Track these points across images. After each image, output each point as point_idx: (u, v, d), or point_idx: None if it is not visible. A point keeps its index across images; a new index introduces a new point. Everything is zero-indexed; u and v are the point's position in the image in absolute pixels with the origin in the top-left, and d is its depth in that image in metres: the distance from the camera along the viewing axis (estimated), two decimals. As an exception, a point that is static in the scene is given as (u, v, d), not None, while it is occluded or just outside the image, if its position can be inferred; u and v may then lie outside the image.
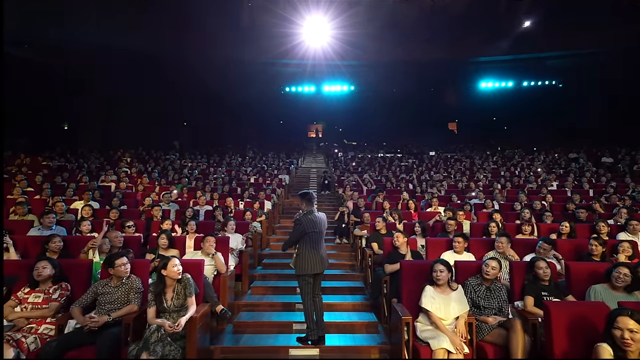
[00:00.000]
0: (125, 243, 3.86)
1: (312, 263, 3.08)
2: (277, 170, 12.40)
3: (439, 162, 13.82)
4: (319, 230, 3.15)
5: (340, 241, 6.41)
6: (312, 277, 3.14)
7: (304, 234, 3.09)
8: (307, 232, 3.09)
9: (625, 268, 2.65)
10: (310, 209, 3.18)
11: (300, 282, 3.16)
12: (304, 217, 3.13)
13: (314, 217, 3.15)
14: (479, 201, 6.81)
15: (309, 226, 3.09)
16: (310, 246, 3.10)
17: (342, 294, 4.35)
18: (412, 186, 9.13)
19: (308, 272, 3.08)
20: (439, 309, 2.67)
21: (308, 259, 3.08)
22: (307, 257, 3.08)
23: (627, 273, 2.62)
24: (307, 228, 3.09)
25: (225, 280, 3.53)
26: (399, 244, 3.84)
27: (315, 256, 3.09)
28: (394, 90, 21.95)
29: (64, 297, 2.77)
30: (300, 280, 3.16)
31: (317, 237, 3.13)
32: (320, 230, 3.17)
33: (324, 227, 3.25)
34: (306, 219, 3.12)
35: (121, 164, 12.21)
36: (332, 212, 8.26)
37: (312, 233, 3.10)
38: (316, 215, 3.18)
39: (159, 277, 2.74)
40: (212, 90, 19.35)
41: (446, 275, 2.78)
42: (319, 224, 3.17)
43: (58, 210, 5.47)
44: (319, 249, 3.14)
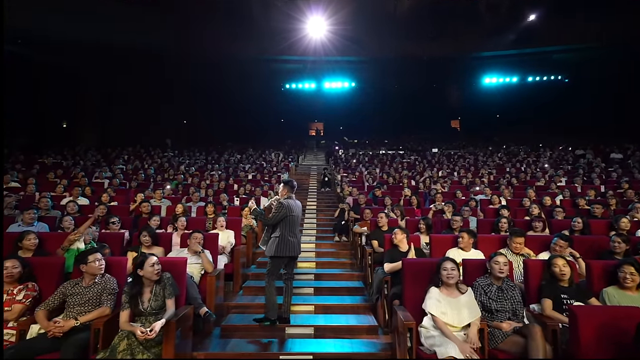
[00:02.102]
0: (104, 240, 3.59)
1: (289, 246, 3.21)
2: (276, 167, 12.14)
3: (441, 159, 13.49)
4: (297, 215, 3.34)
5: (340, 239, 6.13)
6: (284, 260, 3.26)
7: (284, 217, 3.23)
8: (287, 215, 3.24)
9: (629, 266, 2.38)
10: (290, 195, 3.37)
11: (271, 264, 3.26)
12: (286, 201, 3.29)
13: (293, 203, 3.33)
14: (484, 197, 6.52)
15: (290, 209, 3.26)
16: (289, 229, 3.24)
17: (341, 295, 4.07)
18: (414, 182, 8.85)
19: (285, 254, 3.19)
20: (445, 314, 2.38)
21: (287, 242, 3.20)
22: (285, 240, 3.20)
23: (633, 272, 2.35)
24: (289, 211, 3.25)
25: (212, 280, 3.25)
26: (397, 241, 3.56)
27: (293, 239, 3.24)
28: (395, 87, 21.65)
29: (30, 299, 2.50)
30: (272, 261, 3.25)
31: (295, 220, 3.30)
32: (298, 215, 3.36)
33: (300, 213, 3.46)
34: (288, 203, 3.28)
35: (117, 161, 12.00)
36: (332, 210, 8.00)
37: (291, 217, 3.26)
38: (295, 202, 3.38)
39: (135, 278, 2.47)
40: (211, 88, 19.15)
41: (457, 274, 2.49)
42: (297, 210, 3.37)
43: (43, 206, 5.21)
44: (296, 233, 3.30)
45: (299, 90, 21.96)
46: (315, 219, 7.52)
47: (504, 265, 2.58)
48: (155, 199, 6.33)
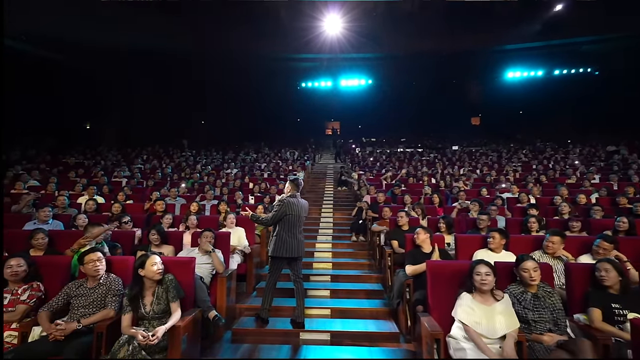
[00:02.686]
0: (117, 239, 3.51)
1: (287, 246, 3.09)
2: (292, 166, 12.00)
3: (462, 156, 12.99)
4: (297, 215, 3.17)
5: (357, 239, 5.89)
6: (286, 262, 3.14)
7: (284, 215, 3.11)
8: (287, 213, 3.11)
9: None
10: (294, 193, 3.24)
11: (271, 263, 3.17)
12: (287, 199, 3.16)
13: (295, 201, 3.18)
14: (511, 195, 6.13)
15: (289, 208, 3.13)
16: (287, 229, 3.12)
17: (358, 298, 3.84)
18: (434, 180, 8.49)
19: (281, 254, 3.08)
20: (478, 324, 2.11)
21: (285, 241, 3.09)
22: (283, 240, 3.09)
23: None
24: (288, 209, 3.12)
25: (222, 281, 3.10)
26: (419, 241, 3.29)
27: (291, 240, 3.11)
28: (413, 84, 21.13)
29: (34, 299, 2.41)
30: (271, 261, 3.17)
31: (294, 220, 3.15)
32: (298, 215, 3.18)
33: (304, 213, 3.27)
34: (288, 201, 3.15)
35: (136, 160, 12.19)
36: (349, 209, 7.78)
37: (290, 215, 3.13)
38: (298, 201, 3.22)
39: (136, 278, 2.33)
40: (229, 88, 19.25)
41: (492, 280, 2.22)
42: (299, 209, 3.19)
43: (60, 204, 5.24)
44: (296, 234, 3.16)
45: (315, 88, 21.80)
46: (332, 218, 7.31)
47: (534, 271, 2.28)
48: (170, 198, 6.30)
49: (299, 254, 3.15)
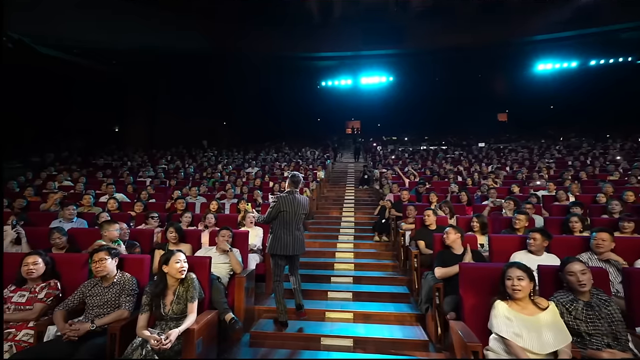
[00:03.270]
0: (135, 237, 3.48)
1: (282, 243, 3.02)
2: (313, 165, 11.87)
3: (490, 153, 12.40)
4: (293, 211, 3.08)
5: (380, 239, 5.66)
6: (284, 259, 3.08)
7: (278, 212, 3.06)
8: (281, 210, 3.06)
9: None
10: (291, 190, 3.16)
11: (272, 262, 3.13)
12: (281, 195, 3.12)
13: (291, 197, 3.11)
14: (547, 192, 5.70)
15: (283, 204, 3.06)
16: (282, 226, 3.06)
17: (383, 301, 3.62)
18: (460, 178, 8.10)
19: (278, 252, 3.02)
20: (519, 336, 1.86)
21: (280, 238, 3.03)
22: (278, 237, 3.04)
23: None
24: (282, 206, 3.06)
25: (240, 282, 2.98)
26: (449, 241, 3.04)
27: (287, 237, 3.04)
28: (436, 80, 20.51)
29: (51, 297, 2.37)
30: (271, 260, 3.13)
31: (289, 217, 3.08)
32: (294, 211, 3.09)
33: (301, 209, 3.16)
34: (283, 197, 3.10)
35: (161, 161, 12.46)
36: (370, 208, 7.56)
37: (285, 212, 3.06)
38: (295, 197, 3.14)
39: (160, 275, 2.25)
40: (250, 89, 19.42)
41: (527, 285, 1.96)
42: (295, 205, 3.10)
43: (85, 202, 5.35)
44: (292, 230, 3.08)
45: (335, 87, 21.58)
46: (353, 218, 7.10)
47: (582, 274, 2.00)
48: (191, 197, 6.31)
49: (295, 251, 3.06)
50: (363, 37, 16.69)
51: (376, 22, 15.86)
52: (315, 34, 16.48)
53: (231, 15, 14.89)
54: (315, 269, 4.54)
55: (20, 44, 10.94)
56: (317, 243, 5.59)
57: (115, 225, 3.17)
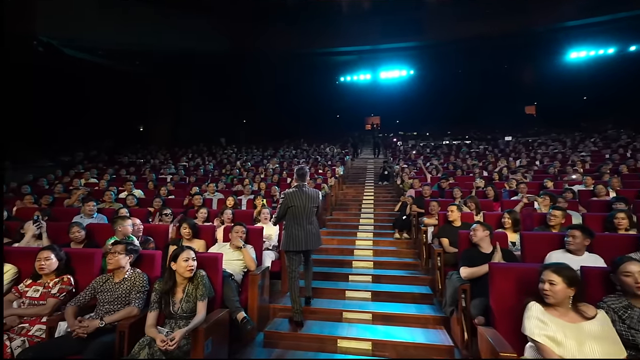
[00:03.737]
0: (149, 233, 3.45)
1: (295, 239, 2.95)
2: (331, 161, 11.71)
3: (517, 147, 11.80)
4: (302, 205, 2.99)
5: (401, 236, 5.43)
6: (298, 255, 3.01)
7: (287, 208, 2.99)
8: (289, 205, 2.99)
9: None
10: (299, 184, 3.08)
11: (286, 259, 3.05)
12: (288, 191, 3.05)
13: (299, 192, 3.03)
14: (584, 187, 5.28)
15: (290, 200, 2.99)
16: (293, 221, 2.99)
17: (403, 302, 3.43)
18: (486, 173, 7.71)
19: (291, 248, 2.96)
20: (557, 342, 1.64)
21: (291, 234, 2.96)
22: (290, 233, 2.97)
23: None
24: (290, 202, 2.99)
25: (254, 279, 2.88)
26: (477, 239, 2.81)
27: (299, 232, 2.96)
28: (459, 72, 19.79)
29: (64, 293, 2.35)
30: (286, 257, 3.06)
31: (299, 211, 2.99)
32: (304, 205, 3.00)
33: (311, 203, 3.05)
34: (290, 192, 3.03)
35: (182, 159, 12.69)
36: (390, 204, 7.33)
37: (293, 207, 2.98)
38: (303, 191, 3.05)
39: (169, 272, 2.18)
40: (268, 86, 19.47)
41: (562, 290, 1.71)
42: (304, 199, 3.01)
43: (107, 199, 5.44)
44: (303, 225, 2.99)
45: (354, 82, 21.27)
46: (373, 214, 6.90)
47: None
48: (208, 193, 6.31)
49: (308, 246, 2.98)
50: (382, 30, 16.31)
51: (395, 14, 15.44)
52: (332, 28, 16.26)
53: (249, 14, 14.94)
54: (333, 267, 4.39)
55: (49, 47, 11.38)
56: (335, 240, 5.44)
57: (128, 220, 3.15)
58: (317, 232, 3.09)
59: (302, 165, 3.27)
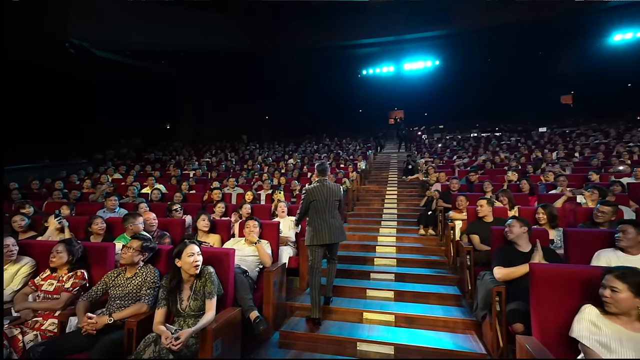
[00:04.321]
0: (165, 227, 3.41)
1: (318, 233, 2.92)
2: (353, 155, 11.46)
3: (553, 138, 11.03)
4: (324, 199, 2.99)
5: (426, 232, 5.15)
6: (322, 250, 2.97)
7: (309, 203, 3.00)
8: (311, 200, 3.00)
9: None
10: (320, 179, 3.07)
11: (309, 255, 3.01)
12: (309, 187, 3.07)
13: (320, 186, 3.03)
14: (634, 180, 4.77)
15: (312, 194, 3.01)
16: (316, 215, 2.98)
17: (429, 303, 3.20)
18: (519, 165, 7.21)
19: (314, 242, 2.93)
20: (607, 348, 1.39)
21: (315, 228, 2.95)
22: (314, 227, 2.95)
23: None
24: (311, 196, 3.00)
25: (269, 276, 2.75)
26: (513, 236, 2.52)
27: (321, 226, 2.94)
28: (488, 61, 18.81)
29: (77, 287, 2.31)
30: (309, 252, 3.01)
31: (321, 205, 2.98)
32: (325, 199, 3.00)
33: (333, 197, 3.04)
34: (311, 187, 3.04)
35: (205, 155, 12.89)
36: (415, 199, 7.03)
37: (315, 201, 2.99)
38: (324, 185, 3.05)
39: (174, 269, 2.08)
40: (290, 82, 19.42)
41: (626, 299, 1.45)
42: (325, 193, 3.01)
43: (130, 194, 5.54)
44: (326, 219, 2.97)
45: (377, 75, 20.78)
46: (396, 210, 6.62)
47: None
48: (229, 187, 6.29)
49: (331, 240, 2.95)
50: (406, 20, 15.74)
51: (420, 2, 14.83)
52: (354, 20, 15.89)
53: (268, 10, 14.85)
54: (354, 264, 4.20)
55: (80, 49, 11.82)
56: (356, 236, 5.24)
57: (139, 218, 3.10)
58: (340, 226, 3.06)
59: (322, 161, 3.26)
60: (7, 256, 2.43)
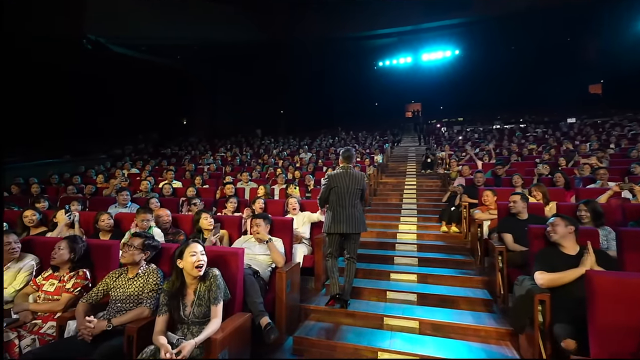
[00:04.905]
0: (176, 224, 3.26)
1: (336, 221, 2.83)
2: (370, 149, 11.14)
3: (585, 129, 10.37)
4: (345, 186, 2.87)
5: (448, 229, 4.84)
6: (338, 238, 2.90)
7: (329, 189, 2.91)
8: (332, 186, 2.90)
9: None
10: (344, 166, 2.96)
11: (326, 240, 2.98)
12: (331, 173, 2.97)
13: (343, 173, 2.92)
14: (684, 173, 4.30)
15: (333, 180, 2.91)
16: (336, 203, 2.88)
17: (457, 308, 2.92)
18: (548, 157, 6.74)
19: (331, 230, 2.86)
20: None
21: (333, 216, 2.86)
22: (332, 215, 2.87)
23: None
24: (333, 182, 2.90)
25: (281, 277, 2.54)
26: (558, 237, 2.21)
27: (340, 214, 2.84)
28: (512, 49, 17.97)
29: (79, 288, 2.18)
30: (326, 238, 2.98)
31: (342, 192, 2.87)
32: (347, 187, 2.88)
33: (355, 185, 2.90)
34: (334, 173, 2.95)
35: (220, 149, 12.84)
36: (436, 194, 6.69)
37: (336, 188, 2.88)
38: (348, 172, 2.92)
39: (177, 271, 1.90)
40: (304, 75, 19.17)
41: None
42: (348, 180, 2.89)
43: (143, 188, 5.45)
44: (346, 207, 2.85)
45: (394, 67, 20.25)
46: (416, 205, 6.31)
47: None
48: (242, 182, 6.14)
49: (349, 229, 2.81)
50: (424, 8, 15.14)
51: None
52: (370, 9, 15.42)
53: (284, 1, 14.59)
54: (372, 263, 3.96)
55: (97, 45, 11.92)
56: (374, 233, 4.98)
57: (147, 215, 2.96)
58: (360, 216, 2.91)
59: (348, 147, 3.08)
60: (9, 254, 2.31)
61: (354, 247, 2.93)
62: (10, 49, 10.16)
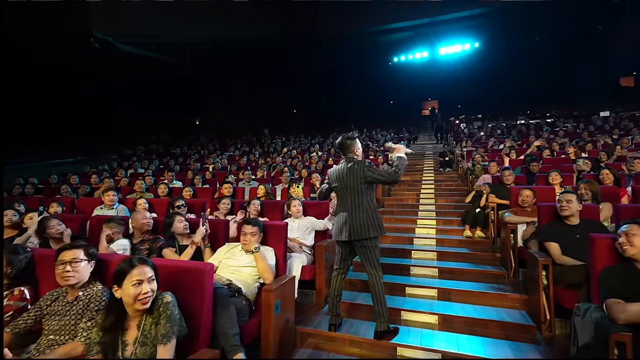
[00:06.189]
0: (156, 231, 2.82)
1: (336, 226, 2.37)
2: (383, 147, 10.54)
3: (623, 122, 9.45)
4: (343, 183, 2.31)
5: (473, 234, 4.24)
6: (345, 247, 2.40)
7: (330, 189, 2.46)
8: (331, 185, 2.43)
9: None
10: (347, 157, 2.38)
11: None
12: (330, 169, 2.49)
13: (341, 167, 2.38)
14: None
15: (330, 178, 2.44)
16: (339, 204, 2.38)
17: (490, 336, 2.33)
18: (586, 153, 6.00)
19: (335, 238, 2.43)
20: None
21: (336, 220, 2.39)
22: (336, 218, 2.40)
23: None
24: (330, 180, 2.44)
25: (268, 298, 2.04)
26: (636, 250, 1.63)
27: (340, 217, 2.33)
28: (536, 39, 16.94)
29: (10, 312, 1.74)
30: None
31: (341, 191, 2.34)
32: (345, 183, 2.30)
33: (354, 179, 2.27)
34: (331, 170, 2.48)
35: (230, 149, 12.55)
36: (456, 194, 6.08)
37: (336, 187, 2.39)
38: (347, 165, 2.32)
39: (112, 302, 1.43)
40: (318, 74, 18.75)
41: None
42: (345, 175, 2.30)
43: (137, 189, 5.10)
44: (348, 208, 2.29)
45: (409, 62, 19.52)
46: (434, 206, 5.71)
47: None
48: (244, 181, 5.70)
49: (352, 235, 2.22)
50: (443, 0, 14.39)
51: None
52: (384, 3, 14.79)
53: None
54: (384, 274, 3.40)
55: (105, 44, 11.81)
56: (388, 238, 4.42)
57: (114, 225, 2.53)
58: (368, 219, 2.24)
59: (345, 134, 2.45)
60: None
61: (367, 258, 2.27)
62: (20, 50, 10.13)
